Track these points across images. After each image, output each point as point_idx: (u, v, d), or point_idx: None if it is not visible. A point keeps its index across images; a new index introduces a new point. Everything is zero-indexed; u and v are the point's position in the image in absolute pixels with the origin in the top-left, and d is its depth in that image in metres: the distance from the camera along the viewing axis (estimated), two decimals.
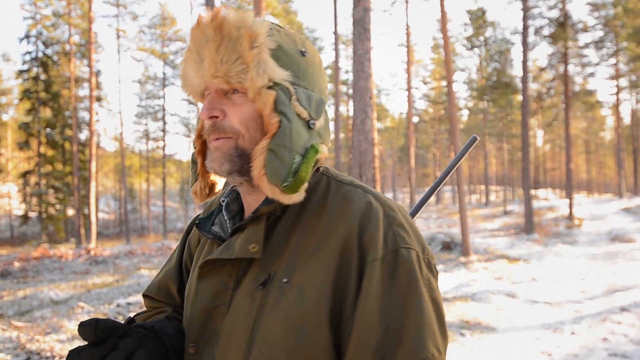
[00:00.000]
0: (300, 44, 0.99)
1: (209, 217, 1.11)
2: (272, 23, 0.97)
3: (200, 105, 1.05)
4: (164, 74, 37.81)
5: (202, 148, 1.07)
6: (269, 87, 0.91)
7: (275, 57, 0.92)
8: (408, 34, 26.41)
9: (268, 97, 0.90)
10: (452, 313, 7.10)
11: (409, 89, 25.65)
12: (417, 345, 0.79)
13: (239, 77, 0.89)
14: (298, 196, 0.91)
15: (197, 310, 0.96)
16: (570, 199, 23.68)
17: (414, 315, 0.81)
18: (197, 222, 1.10)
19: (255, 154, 0.91)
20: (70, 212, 32.26)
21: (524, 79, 18.04)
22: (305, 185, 0.92)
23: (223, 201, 1.09)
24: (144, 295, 1.22)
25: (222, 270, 0.95)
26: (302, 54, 0.98)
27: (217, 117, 0.94)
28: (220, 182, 1.11)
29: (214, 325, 0.93)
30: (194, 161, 1.10)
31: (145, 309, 1.23)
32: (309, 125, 0.96)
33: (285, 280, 0.87)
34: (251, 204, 1.02)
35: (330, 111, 42.87)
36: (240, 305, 0.90)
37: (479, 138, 1.26)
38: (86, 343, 0.82)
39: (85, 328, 0.81)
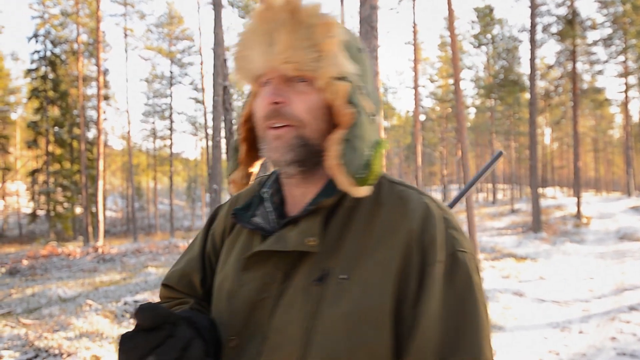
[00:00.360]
0: (358, 41, 0.99)
1: (246, 208, 1.07)
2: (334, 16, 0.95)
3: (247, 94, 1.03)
4: (171, 72, 37.92)
5: (247, 135, 1.05)
6: (339, 79, 0.89)
7: (345, 50, 0.91)
8: (415, 32, 26.32)
9: (340, 88, 0.89)
10: None
11: (415, 87, 25.56)
12: (476, 348, 0.81)
13: (311, 65, 0.87)
14: (367, 189, 0.89)
15: (240, 302, 0.93)
16: (578, 197, 23.56)
17: (472, 318, 0.82)
18: (233, 212, 1.06)
19: (330, 144, 0.89)
20: (78, 210, 32.43)
21: (532, 77, 17.96)
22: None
23: (264, 192, 1.06)
24: (164, 285, 1.17)
25: (269, 262, 0.93)
26: (360, 51, 0.97)
27: (281, 102, 0.91)
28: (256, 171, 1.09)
29: (259, 318, 0.91)
30: (235, 148, 1.07)
31: (160, 299, 1.19)
32: (372, 121, 0.95)
33: (343, 276, 0.85)
34: (297, 196, 1.00)
35: None
36: (293, 300, 0.88)
37: (504, 153, 1.25)
38: (136, 328, 0.80)
39: (145, 312, 0.79)
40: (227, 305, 0.96)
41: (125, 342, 0.79)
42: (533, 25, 18.19)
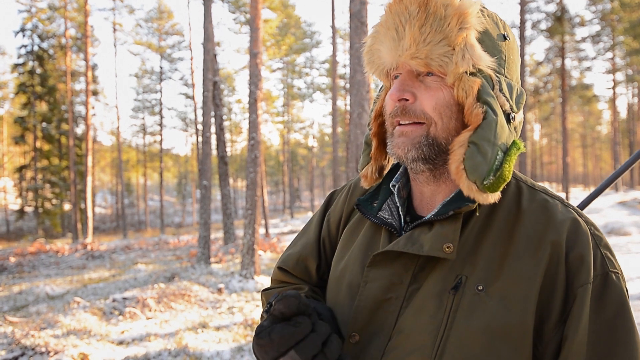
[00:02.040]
0: (502, 26, 0.93)
1: (370, 200, 1.03)
2: (477, 2, 0.88)
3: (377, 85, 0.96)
4: (161, 67, 37.70)
5: (379, 130, 1.01)
6: (471, 74, 0.84)
7: (480, 41, 0.85)
8: None
9: (472, 85, 0.83)
10: None
11: None
12: None
13: (440, 60, 0.83)
14: (495, 196, 0.83)
15: (364, 299, 0.90)
16: (567, 192, 23.75)
17: (624, 347, 0.77)
18: (357, 203, 1.03)
19: (454, 146, 0.84)
20: (67, 206, 32.23)
21: (521, 73, 18.03)
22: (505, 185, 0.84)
23: (393, 185, 1.01)
24: (279, 268, 1.15)
25: (397, 262, 0.89)
26: (504, 37, 0.91)
27: (407, 99, 0.87)
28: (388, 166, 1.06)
29: (383, 317, 0.88)
30: (367, 143, 1.04)
31: (272, 282, 1.19)
32: (509, 119, 0.89)
33: (480, 287, 0.81)
34: (426, 194, 0.96)
35: (328, 105, 42.89)
36: (423, 306, 0.84)
37: None
38: (274, 318, 0.80)
39: (291, 300, 0.79)
40: (348, 299, 0.94)
41: (263, 336, 0.78)
42: (522, 22, 18.28)
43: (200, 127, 27.28)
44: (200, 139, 27.19)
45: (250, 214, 9.58)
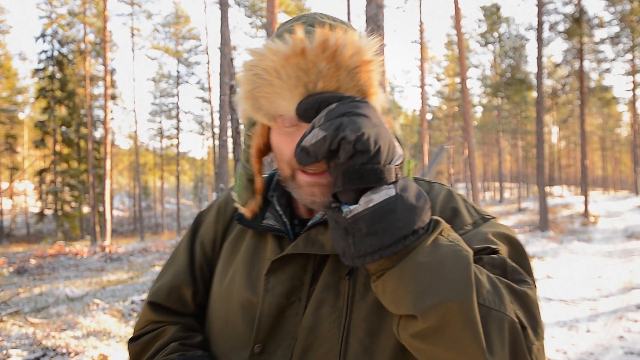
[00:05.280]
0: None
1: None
2: (346, 28, 0.89)
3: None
4: (178, 72, 38.00)
5: (261, 167, 1.02)
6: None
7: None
8: (422, 31, 26.26)
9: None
10: None
11: (422, 86, 25.50)
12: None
13: None
14: None
15: (267, 307, 0.90)
16: (586, 195, 23.44)
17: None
18: (236, 217, 1.03)
19: None
20: (86, 209, 32.56)
21: (539, 75, 17.87)
22: None
23: (271, 195, 1.04)
24: (150, 303, 1.06)
25: (293, 264, 0.90)
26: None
27: None
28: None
29: (288, 322, 0.89)
30: (249, 180, 1.01)
31: (143, 324, 1.07)
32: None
33: None
34: None
35: None
36: (322, 299, 0.87)
37: (447, 147, 1.22)
38: None
39: None
40: (240, 314, 0.94)
41: None
42: (540, 24, 18.10)
43: (216, 130, 27.46)
44: (216, 142, 27.37)
45: None
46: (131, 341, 1.05)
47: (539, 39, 17.99)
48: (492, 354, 0.64)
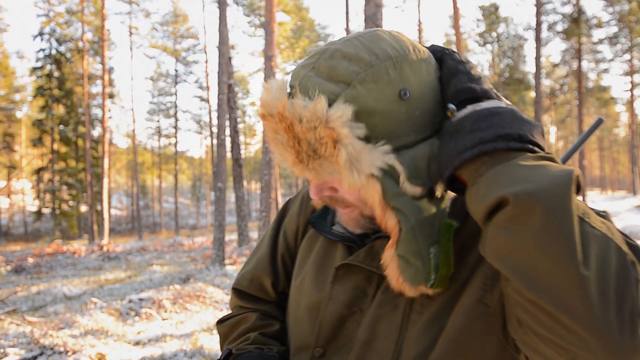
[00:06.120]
0: (397, 81, 0.74)
1: (323, 215, 1.01)
2: (358, 69, 0.73)
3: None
4: (176, 70, 37.99)
5: None
6: (372, 174, 0.75)
7: (370, 132, 0.73)
8: (420, 30, 26.28)
9: (373, 193, 0.75)
10: None
11: None
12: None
13: (332, 177, 0.78)
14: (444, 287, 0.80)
15: (328, 316, 0.90)
16: (584, 196, 23.50)
17: None
18: (311, 221, 1.02)
19: (385, 261, 0.79)
20: (83, 208, 32.54)
21: (537, 75, 17.90)
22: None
23: None
24: (234, 289, 1.13)
25: (360, 274, 0.89)
26: (402, 96, 0.74)
27: (328, 197, 0.85)
28: None
29: (349, 332, 0.88)
30: None
31: (231, 309, 1.17)
32: (430, 194, 0.78)
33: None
34: None
35: None
36: (380, 315, 0.85)
37: (604, 120, 1.10)
38: None
39: None
40: (307, 317, 0.94)
41: None
42: (538, 24, 18.13)
43: (214, 129, 27.41)
44: (214, 141, 27.31)
45: (264, 216, 9.61)
46: (219, 322, 1.12)
47: (538, 39, 18.01)
48: (588, 267, 0.56)
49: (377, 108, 0.73)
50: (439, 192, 0.79)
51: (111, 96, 33.09)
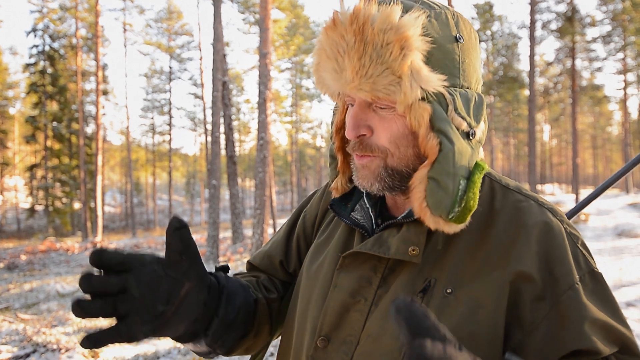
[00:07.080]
0: (453, 26, 0.83)
1: (344, 200, 1.00)
2: (422, 7, 0.80)
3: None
4: (170, 67, 37.89)
5: (342, 144, 0.98)
6: (422, 98, 0.78)
7: (429, 58, 0.78)
8: None
9: (422, 113, 0.78)
10: None
11: None
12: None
13: (387, 91, 0.77)
14: (461, 227, 0.80)
15: (333, 302, 0.89)
16: (577, 194, 23.61)
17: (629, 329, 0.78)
18: (331, 204, 1.00)
19: (414, 182, 0.80)
20: (77, 205, 32.43)
21: (531, 74, 17.96)
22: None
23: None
24: (248, 262, 1.18)
25: (366, 263, 0.88)
26: (457, 40, 0.82)
27: (363, 134, 0.84)
28: None
29: (352, 322, 0.87)
30: (333, 156, 1.01)
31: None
32: (469, 137, 0.83)
33: (449, 290, 0.79)
34: (399, 199, 0.93)
35: None
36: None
37: None
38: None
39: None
40: (320, 300, 0.93)
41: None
42: (533, 22, 18.18)
43: (209, 126, 27.38)
44: (209, 138, 27.25)
45: (259, 213, 9.60)
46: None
47: (532, 37, 18.06)
48: None
49: (437, 40, 0.79)
50: (475, 139, 0.85)
51: (105, 93, 32.95)
